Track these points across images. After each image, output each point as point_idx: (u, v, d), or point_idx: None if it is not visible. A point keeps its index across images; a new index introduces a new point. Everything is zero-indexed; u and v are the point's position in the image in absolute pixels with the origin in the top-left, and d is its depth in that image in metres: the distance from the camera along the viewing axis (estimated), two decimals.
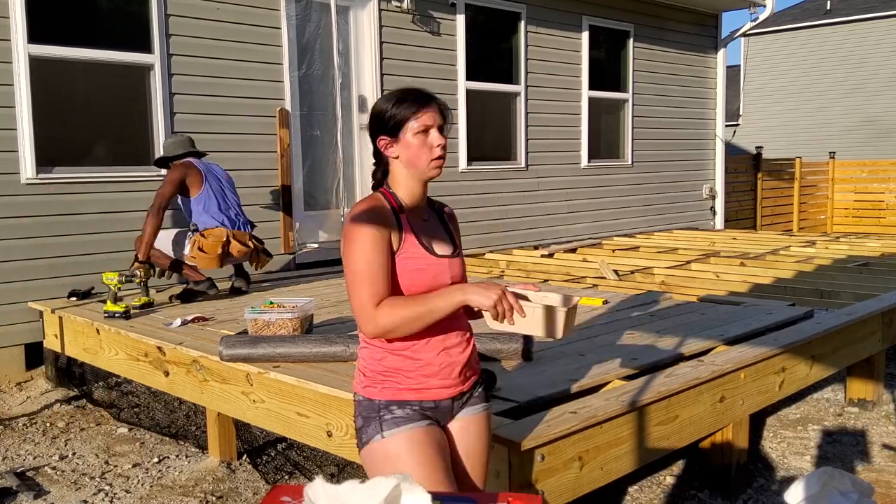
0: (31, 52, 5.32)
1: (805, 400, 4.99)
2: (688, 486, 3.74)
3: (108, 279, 4.71)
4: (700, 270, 6.66)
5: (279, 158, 6.52)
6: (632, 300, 5.11)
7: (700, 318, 4.44)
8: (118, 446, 4.39)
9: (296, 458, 4.16)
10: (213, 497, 3.74)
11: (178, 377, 4.06)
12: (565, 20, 8.80)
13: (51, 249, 5.45)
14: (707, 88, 10.83)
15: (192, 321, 4.49)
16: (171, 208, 5.26)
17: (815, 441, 4.32)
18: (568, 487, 2.76)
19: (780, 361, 3.86)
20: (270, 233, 6.51)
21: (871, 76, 21.03)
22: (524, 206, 8.56)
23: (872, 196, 15.25)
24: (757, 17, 10.41)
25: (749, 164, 13.73)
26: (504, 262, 7.43)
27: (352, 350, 3.53)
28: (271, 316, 3.91)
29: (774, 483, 3.79)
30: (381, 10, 7.13)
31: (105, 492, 3.80)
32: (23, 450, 4.33)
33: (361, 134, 7.21)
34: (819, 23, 21.83)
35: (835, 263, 6.84)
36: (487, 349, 3.51)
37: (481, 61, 8.05)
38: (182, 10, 5.97)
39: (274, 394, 3.46)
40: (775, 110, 22.71)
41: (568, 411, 2.85)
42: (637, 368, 3.45)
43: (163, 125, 5.90)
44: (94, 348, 4.76)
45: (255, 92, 6.39)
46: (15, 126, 5.32)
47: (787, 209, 14.49)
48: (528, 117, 8.51)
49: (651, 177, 10.13)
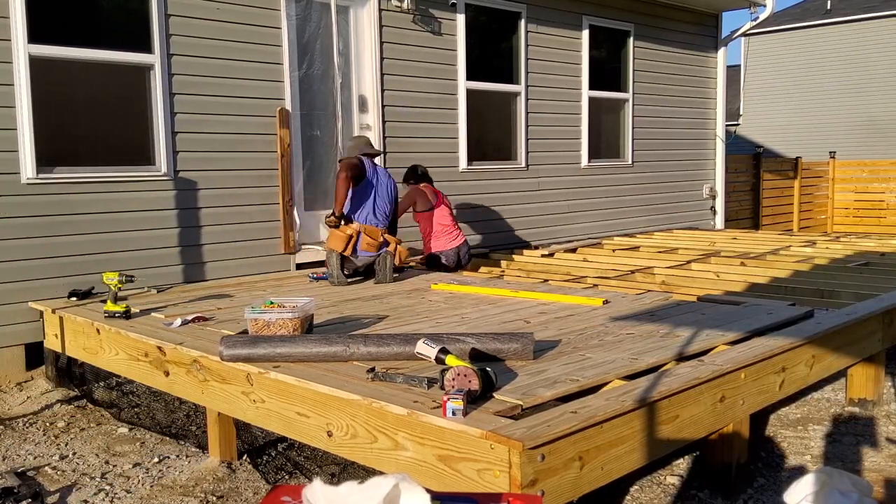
0: (31, 52, 5.32)
1: (805, 400, 4.98)
2: (688, 486, 3.74)
3: (108, 279, 4.72)
4: (700, 270, 6.66)
5: (279, 158, 6.52)
6: (632, 300, 5.11)
7: (700, 318, 4.44)
8: (118, 446, 4.39)
9: (296, 457, 4.16)
10: (214, 497, 3.75)
11: (178, 377, 4.06)
12: (565, 20, 8.80)
13: (51, 249, 5.45)
14: (707, 88, 10.83)
15: (193, 321, 4.50)
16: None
17: (816, 441, 4.32)
18: (568, 487, 2.76)
19: (780, 361, 3.86)
20: (270, 233, 6.52)
21: (871, 76, 21.02)
22: (524, 205, 8.56)
23: (873, 196, 15.25)
24: (757, 17, 10.41)
25: (749, 163, 13.73)
26: (504, 262, 7.43)
27: (352, 350, 3.54)
28: (271, 316, 3.91)
29: (775, 483, 3.78)
30: (381, 10, 7.13)
31: (105, 492, 3.80)
32: (23, 450, 4.33)
33: (362, 134, 7.21)
34: (819, 22, 21.83)
35: (835, 263, 6.83)
36: (488, 349, 3.51)
37: (481, 61, 8.05)
38: (182, 10, 5.97)
39: (274, 394, 3.46)
40: (775, 110, 22.71)
41: (568, 411, 2.85)
42: (637, 368, 3.45)
43: (163, 125, 5.90)
44: (94, 348, 4.76)
45: (256, 92, 6.39)
46: (15, 126, 5.32)
47: (787, 209, 14.50)
48: (529, 117, 8.51)
49: (651, 176, 10.13)
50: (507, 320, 4.53)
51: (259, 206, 6.45)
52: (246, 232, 6.39)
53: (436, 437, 2.82)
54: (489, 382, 3.01)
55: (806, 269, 6.48)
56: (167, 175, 5.95)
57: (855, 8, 21.56)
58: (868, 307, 4.78)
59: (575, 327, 4.29)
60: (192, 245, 6.10)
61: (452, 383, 2.96)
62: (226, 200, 6.26)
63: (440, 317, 4.66)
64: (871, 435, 4.40)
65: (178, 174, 6.02)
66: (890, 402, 4.91)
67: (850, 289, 5.52)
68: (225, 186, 6.25)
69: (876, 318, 4.74)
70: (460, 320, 4.56)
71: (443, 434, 2.79)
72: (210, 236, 6.20)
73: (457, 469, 2.76)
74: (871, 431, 4.46)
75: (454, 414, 2.77)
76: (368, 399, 3.03)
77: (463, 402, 2.77)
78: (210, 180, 6.18)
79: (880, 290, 5.43)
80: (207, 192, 6.17)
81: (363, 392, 3.09)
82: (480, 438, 2.66)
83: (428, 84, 7.57)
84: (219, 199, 6.23)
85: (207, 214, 6.17)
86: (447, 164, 7.77)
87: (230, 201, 6.28)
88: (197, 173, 6.11)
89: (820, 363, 4.21)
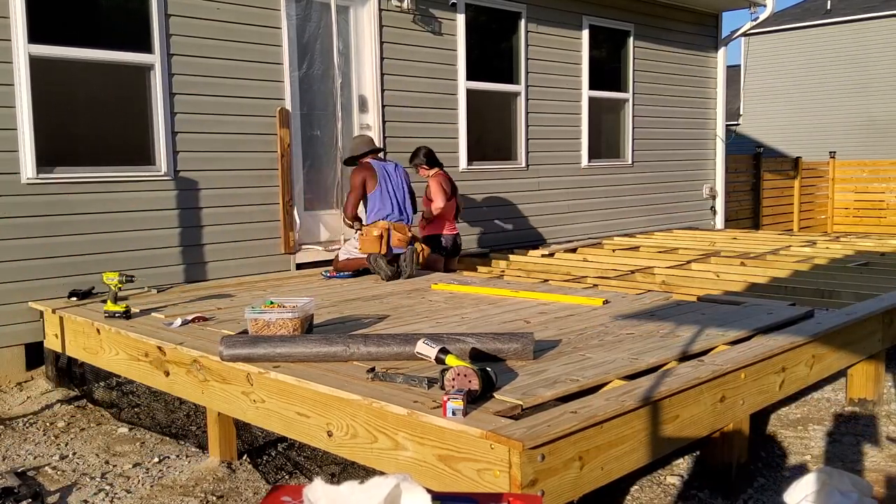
0: (31, 52, 5.32)
1: (805, 400, 4.98)
2: (688, 486, 3.74)
3: (108, 279, 4.72)
4: (700, 270, 6.66)
5: (279, 158, 6.52)
6: (632, 300, 5.11)
7: (700, 318, 4.44)
8: (118, 446, 4.39)
9: (296, 457, 4.16)
10: (214, 497, 3.75)
11: (178, 377, 4.06)
12: (566, 20, 8.80)
13: (51, 249, 5.44)
14: (707, 88, 10.83)
15: (193, 321, 4.50)
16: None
17: (816, 441, 4.32)
18: (568, 487, 2.76)
19: (780, 361, 3.86)
20: (270, 233, 6.52)
21: (871, 76, 21.02)
22: (524, 205, 8.56)
23: (873, 196, 15.25)
24: (757, 17, 10.41)
25: (749, 163, 13.73)
26: (504, 262, 7.43)
27: (352, 350, 3.54)
28: (271, 316, 3.91)
29: (775, 483, 3.79)
30: (381, 10, 7.13)
31: (105, 491, 3.80)
32: (23, 449, 4.33)
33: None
34: (819, 22, 21.83)
35: (835, 263, 6.83)
36: (488, 349, 3.51)
37: (482, 61, 8.05)
38: (182, 10, 5.97)
39: (274, 393, 3.46)
40: (775, 110, 22.71)
41: (568, 411, 2.85)
42: (637, 368, 3.45)
43: (163, 125, 5.90)
44: (94, 348, 4.76)
45: (256, 92, 6.39)
46: (15, 126, 5.32)
47: (787, 209, 14.50)
48: (529, 117, 8.51)
49: (651, 176, 10.13)
50: (508, 320, 4.53)
51: (259, 205, 6.45)
52: (246, 232, 6.39)
53: (436, 437, 2.82)
54: (489, 382, 3.02)
55: (806, 269, 6.48)
56: (167, 175, 5.95)
57: (855, 8, 21.56)
58: (868, 307, 4.78)
59: (575, 327, 4.29)
60: (192, 245, 6.10)
61: (452, 383, 2.96)
62: (226, 200, 6.26)
63: (440, 317, 4.66)
64: (871, 435, 4.40)
65: (178, 174, 6.02)
66: (890, 401, 4.91)
67: (850, 289, 5.52)
68: (225, 186, 6.25)
69: (876, 318, 4.74)
70: (460, 320, 4.56)
71: (443, 434, 2.79)
72: (210, 236, 6.20)
73: (457, 469, 2.77)
74: (872, 431, 4.46)
75: (454, 414, 2.77)
76: (368, 399, 3.03)
77: (463, 402, 2.77)
78: (210, 180, 6.18)
79: (880, 290, 5.43)
80: (207, 192, 6.17)
81: (363, 392, 3.09)
82: (480, 438, 2.66)
83: (428, 84, 7.57)
84: (219, 198, 6.23)
85: (207, 214, 6.18)
86: (447, 164, 7.76)
87: (230, 201, 6.28)
88: (197, 173, 6.11)
89: (820, 363, 4.22)
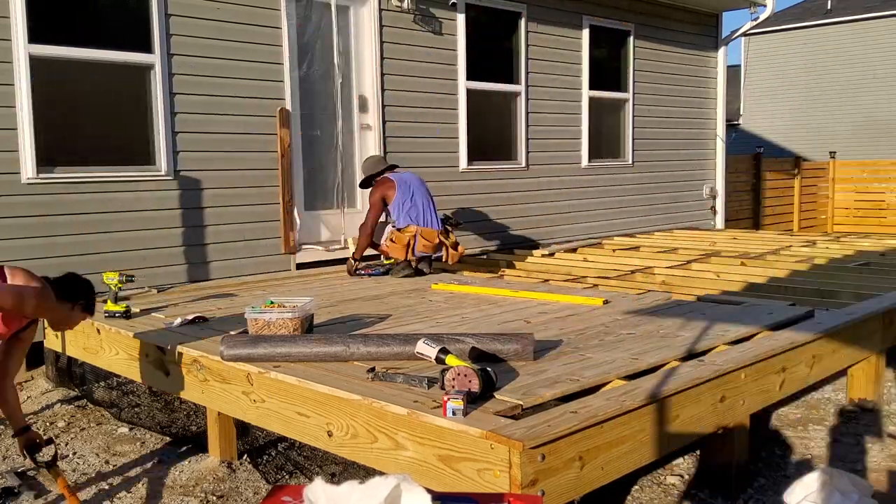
0: (31, 52, 5.32)
1: (806, 400, 4.98)
2: (689, 486, 3.74)
3: (108, 279, 4.72)
4: (700, 270, 6.66)
5: (279, 158, 6.52)
6: (632, 300, 5.11)
7: (700, 318, 4.44)
8: (119, 446, 4.39)
9: (296, 457, 4.16)
10: (214, 497, 3.75)
11: (178, 377, 4.06)
12: (566, 20, 8.80)
13: (51, 249, 5.44)
14: (707, 88, 10.83)
15: (193, 321, 4.50)
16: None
17: (816, 441, 4.32)
18: (568, 487, 2.76)
19: (780, 361, 3.86)
20: (271, 233, 6.51)
21: (871, 76, 21.03)
22: (524, 205, 8.56)
23: (873, 196, 15.25)
24: (757, 17, 10.41)
25: (749, 163, 13.73)
26: (504, 262, 7.43)
27: (352, 350, 3.54)
28: (272, 316, 3.91)
29: (775, 483, 3.78)
30: (381, 10, 7.13)
31: (105, 491, 3.80)
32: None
33: (362, 134, 7.22)
34: (820, 22, 21.84)
35: (835, 263, 6.83)
36: (488, 349, 3.51)
37: (482, 61, 8.04)
38: (182, 10, 5.97)
39: (274, 393, 3.46)
40: (776, 110, 22.72)
41: (568, 411, 2.85)
42: (637, 368, 3.45)
43: (163, 125, 5.90)
44: (94, 348, 4.76)
45: (256, 92, 6.39)
46: (15, 126, 5.32)
47: (787, 209, 14.49)
48: (529, 117, 8.50)
49: (651, 176, 10.13)
50: (508, 320, 4.53)
51: (259, 205, 6.44)
52: (246, 232, 6.39)
53: (436, 437, 2.82)
54: (489, 382, 3.01)
55: (806, 269, 6.48)
56: (167, 175, 5.95)
57: (855, 8, 21.57)
58: (868, 307, 4.78)
59: (575, 327, 4.29)
60: (192, 245, 6.10)
61: (452, 383, 2.96)
62: (226, 200, 6.26)
63: (440, 317, 4.66)
64: (871, 435, 4.40)
65: (178, 174, 6.02)
66: (890, 402, 4.91)
67: (850, 289, 5.52)
68: (225, 186, 6.25)
69: (876, 318, 4.74)
70: (461, 320, 4.56)
71: (443, 434, 2.79)
72: (210, 236, 6.20)
73: (457, 469, 2.76)
74: (872, 431, 4.46)
75: (454, 414, 2.77)
76: (368, 399, 3.03)
77: (463, 402, 2.77)
78: (210, 180, 6.17)
79: (880, 290, 5.43)
80: (208, 192, 6.17)
81: (363, 392, 3.09)
82: (481, 438, 2.66)
83: (428, 84, 7.57)
84: (219, 198, 6.22)
85: (208, 214, 6.18)
86: (447, 164, 7.77)
87: (230, 201, 6.28)
88: (197, 173, 6.11)
89: (820, 363, 4.21)
